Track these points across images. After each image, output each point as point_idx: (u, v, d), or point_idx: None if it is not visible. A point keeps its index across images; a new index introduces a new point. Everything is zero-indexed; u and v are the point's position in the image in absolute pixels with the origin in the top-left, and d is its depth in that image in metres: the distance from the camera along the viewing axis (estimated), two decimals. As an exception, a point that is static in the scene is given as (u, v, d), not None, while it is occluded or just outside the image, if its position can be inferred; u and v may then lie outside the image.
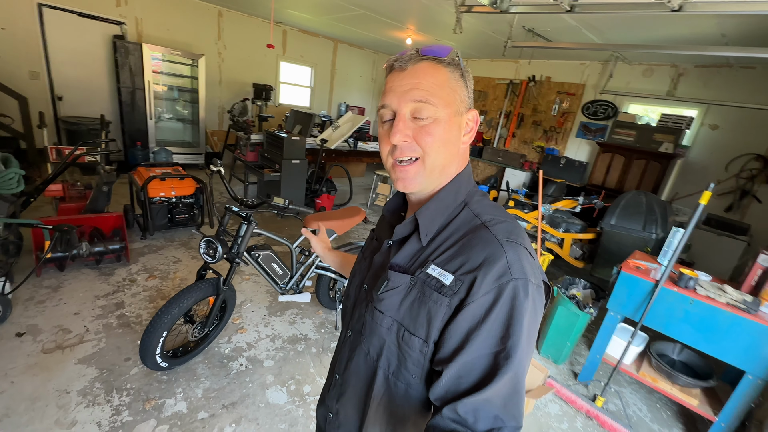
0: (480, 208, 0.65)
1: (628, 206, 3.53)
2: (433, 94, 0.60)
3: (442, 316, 0.58)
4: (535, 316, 0.58)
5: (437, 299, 0.59)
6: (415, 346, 0.61)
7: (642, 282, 2.15)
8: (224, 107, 6.64)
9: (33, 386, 1.81)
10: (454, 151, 0.65)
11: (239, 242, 1.99)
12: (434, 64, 0.61)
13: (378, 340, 0.66)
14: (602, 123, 5.64)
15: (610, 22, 3.66)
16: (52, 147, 3.05)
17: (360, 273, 0.78)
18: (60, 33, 4.90)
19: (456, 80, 0.62)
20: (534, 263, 0.60)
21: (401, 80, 0.61)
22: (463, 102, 0.64)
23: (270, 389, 2.04)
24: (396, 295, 0.64)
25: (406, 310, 0.63)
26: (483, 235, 0.59)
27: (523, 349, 0.55)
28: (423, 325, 0.60)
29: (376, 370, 0.67)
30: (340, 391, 0.76)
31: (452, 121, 0.62)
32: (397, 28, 5.52)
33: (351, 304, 0.78)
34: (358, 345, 0.71)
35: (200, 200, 3.64)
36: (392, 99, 0.61)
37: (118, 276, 2.82)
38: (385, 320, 0.65)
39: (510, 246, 0.57)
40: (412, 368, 0.63)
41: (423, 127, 0.61)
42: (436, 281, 0.60)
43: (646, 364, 2.36)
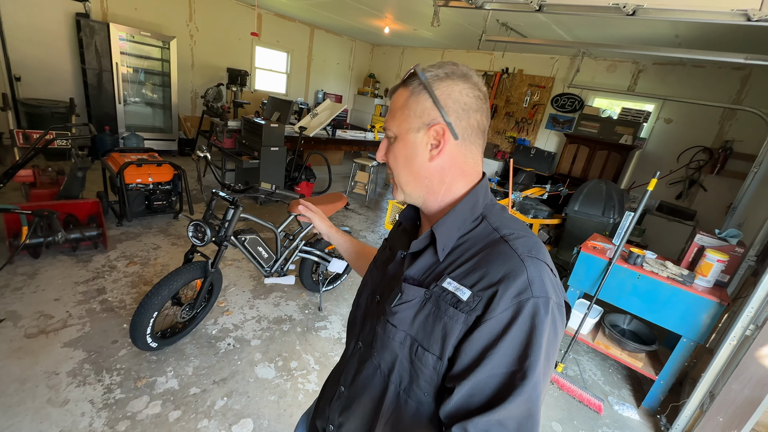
0: (499, 222, 0.63)
1: (590, 193, 3.82)
2: (393, 117, 0.64)
3: (458, 333, 0.56)
4: (555, 336, 0.55)
5: (453, 315, 0.57)
6: (428, 363, 0.59)
7: (598, 260, 2.40)
8: (197, 92, 6.46)
9: (20, 369, 1.83)
10: (420, 166, 0.64)
11: (227, 226, 2.06)
12: (402, 89, 0.64)
13: (390, 355, 0.65)
14: (570, 115, 5.95)
15: (577, 21, 3.89)
16: (18, 131, 2.94)
17: (372, 283, 0.76)
18: (14, 7, 4.60)
19: (415, 96, 0.61)
20: (555, 281, 0.58)
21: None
22: (422, 117, 0.61)
23: (258, 366, 2.14)
24: (410, 308, 0.62)
25: (420, 324, 0.61)
26: (502, 250, 0.57)
27: (540, 371, 0.52)
28: (438, 341, 0.58)
29: (388, 386, 0.65)
30: (345, 404, 0.73)
31: (406, 139, 0.63)
32: (375, 17, 5.55)
33: (361, 314, 0.76)
34: (368, 358, 0.69)
35: (178, 187, 3.61)
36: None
37: (97, 263, 2.80)
38: (398, 334, 0.63)
39: (531, 262, 0.55)
40: (425, 386, 0.61)
41: (389, 148, 0.67)
42: (453, 296, 0.58)
43: (600, 334, 2.64)
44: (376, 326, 0.68)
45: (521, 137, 6.51)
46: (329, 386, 0.80)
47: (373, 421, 0.67)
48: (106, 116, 5.13)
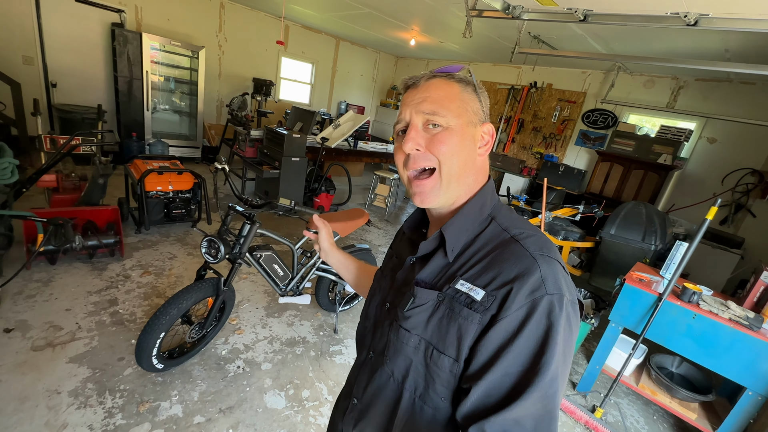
0: (508, 222, 0.64)
1: (628, 216, 3.55)
2: (443, 106, 0.61)
3: (473, 333, 0.56)
4: (570, 333, 0.55)
5: (468, 315, 0.57)
6: (444, 366, 0.59)
7: (645, 295, 2.15)
8: (223, 101, 6.54)
9: (22, 385, 1.74)
10: (469, 161, 0.64)
11: (242, 242, 1.94)
12: (445, 79, 0.63)
13: (404, 361, 0.64)
14: (602, 132, 5.68)
15: (616, 33, 3.67)
16: (46, 136, 2.96)
17: (381, 291, 0.75)
18: (56, 18, 4.77)
19: (468, 94, 0.64)
20: (568, 279, 0.58)
21: (414, 95, 0.64)
22: (476, 114, 0.64)
23: (268, 393, 1.99)
24: (423, 312, 0.62)
25: (434, 327, 0.60)
26: (514, 249, 0.58)
27: (556, 368, 0.52)
28: (453, 343, 0.58)
29: (402, 393, 0.64)
30: (359, 416, 0.72)
31: (465, 131, 0.63)
32: (401, 29, 5.49)
33: (371, 324, 0.75)
34: (380, 366, 0.68)
35: (198, 195, 3.57)
36: (405, 112, 0.64)
37: (112, 271, 2.74)
38: (412, 339, 0.62)
39: (543, 260, 0.56)
40: (441, 390, 0.60)
41: (435, 136, 0.62)
42: (466, 297, 0.58)
43: (645, 376, 2.36)
44: (389, 333, 0.67)
45: (549, 153, 6.25)
46: (341, 401, 0.79)
47: (388, 430, 0.66)
48: (134, 123, 5.22)
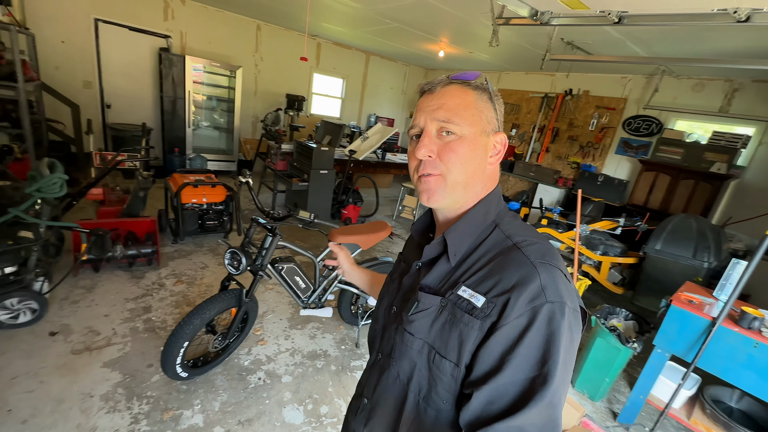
0: (512, 229, 0.64)
1: (676, 230, 3.26)
2: (457, 114, 0.62)
3: (474, 339, 0.57)
4: (571, 341, 0.55)
5: (468, 321, 0.58)
6: (446, 370, 0.60)
7: (696, 318, 1.94)
8: (258, 116, 6.83)
9: (60, 387, 1.84)
10: (479, 170, 0.65)
11: (264, 254, 1.97)
12: (462, 87, 0.64)
13: (408, 363, 0.65)
14: (645, 139, 5.32)
15: (658, 35, 3.44)
16: (96, 152, 3.21)
17: (389, 295, 0.77)
18: (112, 45, 5.23)
19: (483, 102, 0.64)
20: (570, 286, 0.58)
21: (429, 101, 0.64)
22: (490, 123, 0.65)
23: (287, 407, 1.98)
24: (426, 317, 0.63)
25: (437, 332, 0.62)
26: (515, 257, 0.59)
27: (560, 376, 0.52)
28: (454, 348, 0.59)
29: (407, 394, 0.66)
30: (368, 415, 0.74)
31: (477, 140, 0.63)
32: (430, 41, 5.50)
33: (380, 327, 0.77)
34: (387, 368, 0.70)
35: (230, 207, 3.71)
36: (420, 118, 0.65)
37: (148, 279, 2.89)
38: (416, 342, 0.64)
39: (544, 268, 0.56)
40: (443, 393, 0.61)
41: (447, 144, 0.62)
42: (468, 303, 0.59)
43: (698, 410, 2.11)
44: (395, 336, 0.69)
45: (586, 163, 5.94)
46: (354, 401, 0.81)
47: (395, 430, 0.67)
48: (177, 139, 5.57)
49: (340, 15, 4.87)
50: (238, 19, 6.06)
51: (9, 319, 2.13)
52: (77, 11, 4.82)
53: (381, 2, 3.92)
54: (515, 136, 6.99)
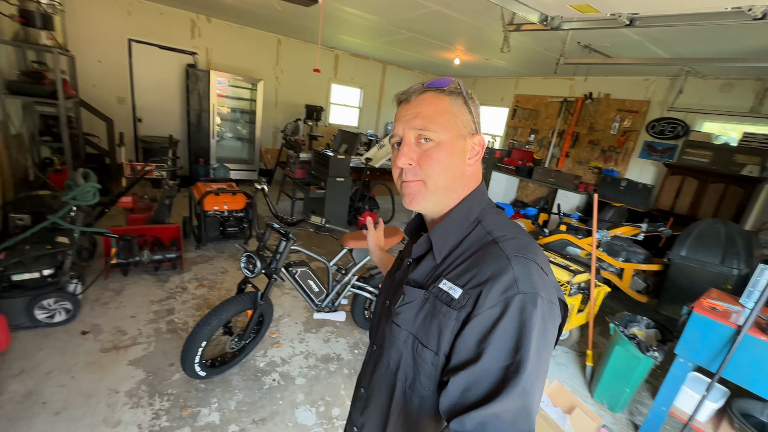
0: (492, 225, 0.67)
1: (703, 236, 3.12)
2: (433, 121, 0.64)
3: (451, 329, 0.60)
4: (545, 331, 0.57)
5: (446, 312, 0.61)
6: (427, 358, 0.63)
7: (719, 326, 1.85)
8: (278, 127, 7.05)
9: (89, 383, 1.96)
10: (458, 173, 0.68)
11: (278, 258, 2.04)
12: (436, 94, 0.66)
13: (396, 353, 0.69)
14: (670, 142, 5.13)
15: (679, 35, 3.35)
16: (127, 163, 3.42)
17: (384, 290, 0.83)
18: (144, 63, 5.57)
19: (458, 106, 0.66)
20: (546, 279, 0.60)
21: (406, 110, 0.67)
22: (467, 126, 0.67)
23: (299, 408, 2.02)
24: (411, 309, 0.67)
25: (420, 323, 0.65)
26: (492, 251, 0.61)
27: (532, 364, 0.54)
28: (434, 337, 0.62)
29: (395, 383, 0.70)
30: (365, 404, 0.78)
31: (454, 145, 0.66)
32: (445, 49, 5.55)
33: (377, 320, 0.82)
34: (380, 358, 0.74)
35: (249, 214, 3.84)
36: (399, 127, 0.68)
37: (172, 283, 3.02)
38: (402, 333, 0.68)
39: (517, 260, 0.58)
40: (425, 381, 0.64)
41: (426, 152, 0.65)
42: (447, 295, 0.62)
43: (726, 425, 2.01)
44: (385, 327, 0.73)
45: (608, 167, 5.78)
46: (355, 391, 0.85)
47: (387, 417, 0.71)
48: (201, 150, 5.83)
49: (357, 27, 5.00)
50: (259, 34, 6.32)
51: (46, 318, 2.29)
52: (113, 33, 5.17)
53: (396, 13, 4.02)
54: (534, 141, 6.89)
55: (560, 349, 2.97)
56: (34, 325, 2.26)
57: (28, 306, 2.20)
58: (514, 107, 7.23)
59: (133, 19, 5.26)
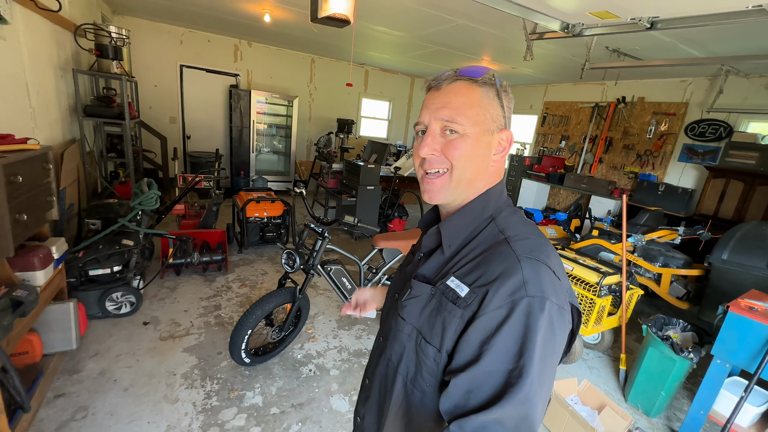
0: (506, 224, 0.65)
1: (747, 239, 2.99)
2: (461, 113, 0.62)
3: (455, 327, 0.59)
4: (552, 337, 0.55)
5: (452, 310, 0.60)
6: (429, 354, 0.62)
7: (757, 326, 1.81)
8: (312, 140, 7.43)
9: (151, 366, 2.21)
10: (482, 167, 0.66)
11: (314, 255, 2.23)
12: (468, 84, 0.63)
13: (399, 346, 0.69)
14: (712, 145, 4.92)
15: (715, 34, 3.29)
16: (180, 175, 3.79)
17: (394, 284, 0.82)
18: (193, 85, 6.13)
19: (489, 99, 0.64)
20: (557, 283, 0.58)
21: (435, 98, 0.65)
22: (496, 121, 0.65)
23: (334, 396, 2.16)
24: (417, 303, 0.66)
25: (425, 318, 0.64)
26: (503, 250, 0.59)
27: (536, 371, 0.52)
28: (438, 333, 0.61)
29: (396, 376, 0.69)
30: (367, 394, 0.78)
31: (480, 139, 0.63)
32: (471, 60, 5.68)
33: (385, 313, 0.82)
34: (384, 350, 0.74)
35: (287, 221, 4.10)
36: (425, 116, 0.66)
37: (218, 283, 3.30)
38: (406, 327, 0.67)
39: (528, 262, 0.56)
40: (427, 377, 0.64)
41: (450, 142, 0.63)
42: (453, 292, 0.61)
43: (771, 431, 1.92)
44: (391, 320, 0.73)
45: (645, 172, 5.59)
46: (362, 381, 0.85)
47: (385, 410, 0.71)
48: (242, 163, 6.27)
49: (385, 43, 5.26)
50: (295, 55, 6.77)
51: (114, 309, 2.60)
52: (168, 60, 5.76)
53: (423, 29, 4.22)
54: (565, 147, 6.80)
55: (592, 353, 2.93)
56: (104, 316, 2.58)
57: (100, 298, 2.52)
58: (543, 114, 7.18)
59: (184, 47, 5.83)
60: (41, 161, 1.78)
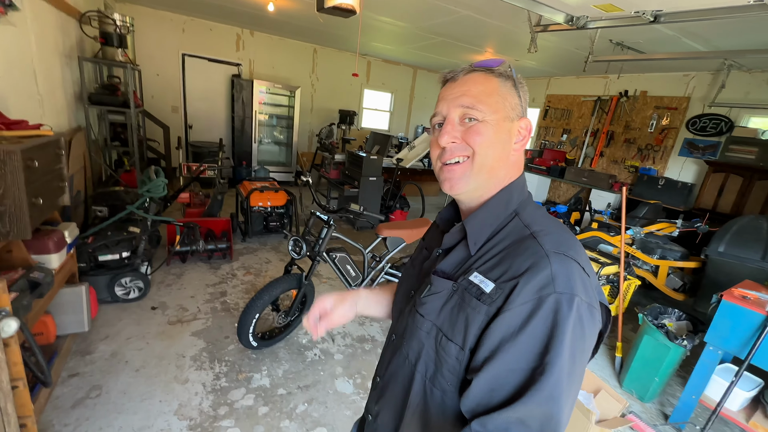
0: (530, 219, 0.63)
1: (743, 232, 3.05)
2: (481, 101, 0.62)
3: (479, 324, 0.57)
4: (582, 336, 0.53)
5: (476, 306, 0.58)
6: (451, 352, 0.61)
7: (749, 314, 1.87)
8: (314, 131, 7.43)
9: (161, 348, 2.28)
10: (503, 154, 0.65)
11: (320, 243, 2.28)
12: (485, 74, 0.64)
13: (417, 344, 0.66)
14: (713, 139, 4.95)
15: (718, 28, 3.30)
16: (184, 164, 3.83)
17: (408, 280, 0.79)
18: (195, 75, 6.12)
19: (507, 89, 0.64)
20: (587, 280, 0.56)
21: (453, 89, 0.65)
22: (514, 109, 0.64)
23: (338, 379, 2.23)
24: (437, 299, 0.64)
25: (446, 315, 0.62)
26: (529, 245, 0.58)
27: (563, 369, 0.50)
28: (460, 331, 0.59)
29: (414, 375, 0.67)
30: (380, 393, 0.76)
31: (501, 125, 0.63)
32: (475, 52, 5.67)
33: (398, 309, 0.79)
34: (399, 348, 0.72)
35: (290, 210, 4.15)
36: (443, 106, 0.65)
37: (223, 270, 3.36)
38: (425, 324, 0.65)
39: (557, 257, 0.55)
40: (448, 375, 0.62)
41: (471, 128, 0.62)
42: (477, 288, 0.59)
43: (760, 414, 2.00)
44: (408, 317, 0.70)
45: (645, 166, 5.63)
46: (373, 379, 0.83)
47: (403, 409, 0.69)
48: (244, 153, 6.28)
49: (389, 34, 5.25)
50: (297, 44, 6.74)
51: (123, 294, 2.65)
52: (170, 49, 5.74)
53: (427, 20, 4.21)
54: (566, 141, 6.82)
55: (589, 341, 3.00)
56: (114, 300, 2.63)
57: (109, 283, 2.58)
58: (545, 107, 7.19)
59: (186, 36, 5.81)
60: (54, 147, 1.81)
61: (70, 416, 1.75)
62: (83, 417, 1.76)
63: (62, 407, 1.79)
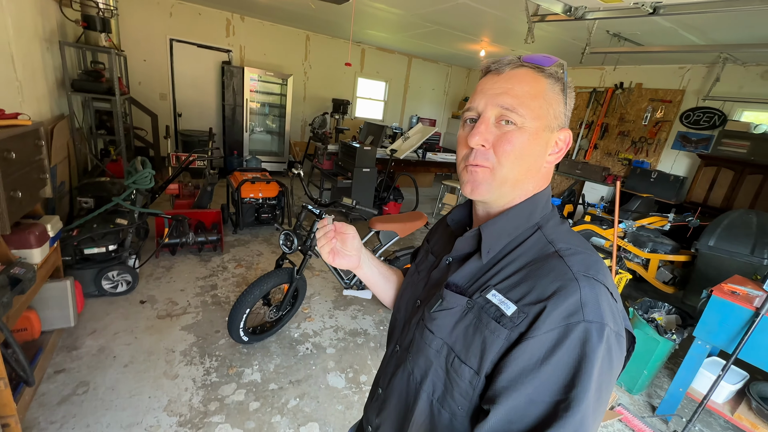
0: (555, 235, 0.58)
1: (733, 226, 3.07)
2: (523, 103, 0.55)
3: (497, 349, 0.52)
4: (610, 368, 0.49)
5: (495, 329, 0.53)
6: (464, 376, 0.56)
7: (738, 309, 1.89)
8: (306, 120, 7.31)
9: (150, 343, 2.24)
10: (534, 167, 0.59)
11: (312, 237, 2.24)
12: (533, 72, 0.57)
13: (424, 361, 0.62)
14: (706, 133, 4.97)
15: (716, 21, 3.27)
16: (173, 154, 3.73)
17: (413, 287, 0.74)
18: (183, 61, 5.94)
19: (554, 93, 0.57)
20: (616, 307, 0.52)
21: (494, 83, 0.57)
22: (557, 118, 0.58)
23: (330, 374, 2.23)
24: (450, 316, 0.59)
25: (459, 334, 0.57)
26: (555, 265, 0.53)
27: (589, 404, 0.47)
28: (476, 354, 0.54)
29: (419, 393, 0.62)
30: (381, 406, 0.72)
31: (539, 135, 0.57)
32: (471, 41, 5.58)
33: (401, 318, 0.74)
34: (403, 362, 0.67)
35: (282, 202, 4.09)
36: (480, 101, 0.58)
37: (214, 263, 3.31)
38: (435, 341, 0.60)
39: (587, 282, 0.50)
40: (459, 399, 0.57)
41: (505, 134, 0.56)
42: (496, 309, 0.54)
43: (744, 407, 2.04)
44: (414, 330, 0.66)
45: (638, 159, 5.65)
46: (373, 387, 0.80)
47: (405, 426, 0.65)
48: (235, 143, 6.16)
49: (384, 21, 5.13)
50: (289, 31, 6.57)
51: (110, 288, 2.60)
52: (157, 33, 5.56)
53: (421, 7, 4.11)
54: (561, 133, 6.80)
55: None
56: (101, 294, 2.58)
57: (96, 276, 2.52)
58: (540, 98, 7.14)
59: (174, 20, 5.62)
60: (33, 137, 1.74)
61: (57, 413, 1.72)
62: (70, 414, 1.73)
63: (48, 404, 1.76)
